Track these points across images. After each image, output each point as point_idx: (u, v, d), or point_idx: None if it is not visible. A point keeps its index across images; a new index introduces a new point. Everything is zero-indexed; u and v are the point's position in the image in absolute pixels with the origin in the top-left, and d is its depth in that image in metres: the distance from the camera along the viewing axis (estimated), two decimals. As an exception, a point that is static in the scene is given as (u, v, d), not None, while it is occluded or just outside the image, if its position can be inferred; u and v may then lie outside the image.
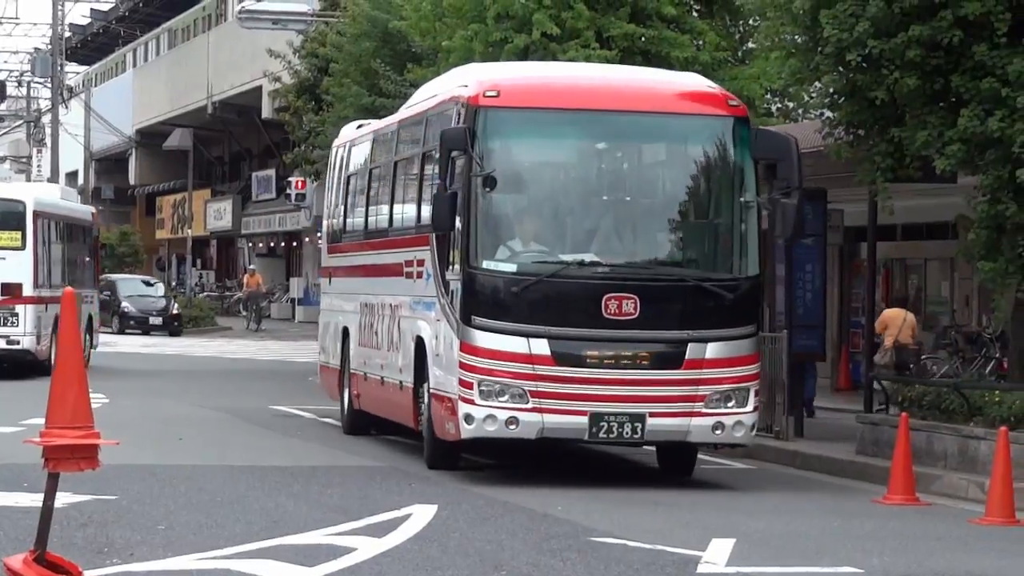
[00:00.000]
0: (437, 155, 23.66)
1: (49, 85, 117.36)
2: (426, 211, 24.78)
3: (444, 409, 23.59)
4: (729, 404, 23.02)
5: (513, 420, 22.26)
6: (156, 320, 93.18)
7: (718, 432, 23.18)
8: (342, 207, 34.20)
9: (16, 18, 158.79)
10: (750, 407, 23.57)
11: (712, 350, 22.94)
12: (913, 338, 38.67)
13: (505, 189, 22.72)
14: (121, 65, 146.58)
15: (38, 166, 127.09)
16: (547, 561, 18.52)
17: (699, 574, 18.44)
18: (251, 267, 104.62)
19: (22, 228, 51.31)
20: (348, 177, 33.99)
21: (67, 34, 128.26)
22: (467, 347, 22.67)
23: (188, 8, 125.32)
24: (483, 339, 22.52)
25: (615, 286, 22.70)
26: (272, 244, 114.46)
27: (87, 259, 62.24)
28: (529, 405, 22.21)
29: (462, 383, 22.69)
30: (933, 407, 29.61)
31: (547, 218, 24.12)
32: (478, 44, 37.74)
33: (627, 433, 22.68)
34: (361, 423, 30.95)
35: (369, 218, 30.93)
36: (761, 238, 24.02)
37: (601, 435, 22.77)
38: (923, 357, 40.22)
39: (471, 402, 22.48)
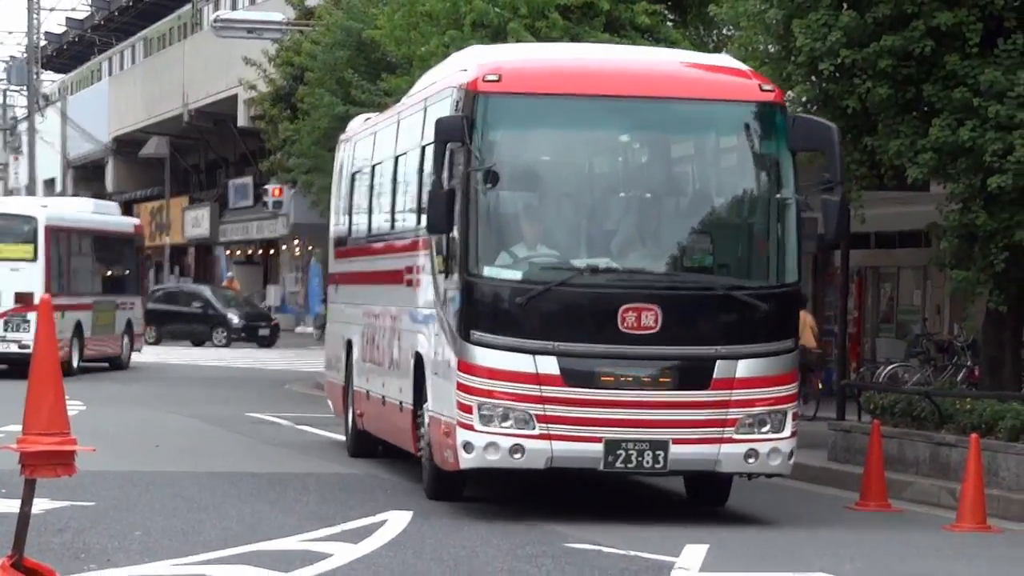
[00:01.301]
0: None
1: (25, 93, 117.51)
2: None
3: (442, 435, 21.28)
4: (764, 429, 20.35)
5: (518, 448, 19.88)
6: (264, 331, 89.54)
7: (751, 461, 20.50)
8: (346, 207, 32.52)
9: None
10: (787, 432, 20.79)
11: (744, 368, 20.29)
12: (816, 341, 38.82)
13: (508, 186, 20.33)
14: (97, 73, 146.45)
15: (15, 173, 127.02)
16: (521, 567, 18.42)
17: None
18: (229, 274, 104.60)
19: (34, 241, 53.74)
20: (352, 175, 32.12)
21: (42, 43, 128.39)
22: (465, 365, 20.23)
23: (163, 17, 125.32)
24: (484, 356, 20.12)
25: (633, 296, 20.08)
26: (249, 251, 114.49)
27: (127, 268, 64.44)
28: (536, 431, 19.80)
29: (460, 406, 20.30)
30: (905, 415, 29.60)
31: (556, 219, 21.63)
32: (454, 51, 37.16)
33: (647, 462, 20.14)
34: (366, 445, 28.99)
35: (371, 219, 28.93)
36: (800, 240, 20.94)
37: (618, 464, 20.12)
38: (893, 365, 40.01)
39: (470, 428, 20.11)
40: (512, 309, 20.20)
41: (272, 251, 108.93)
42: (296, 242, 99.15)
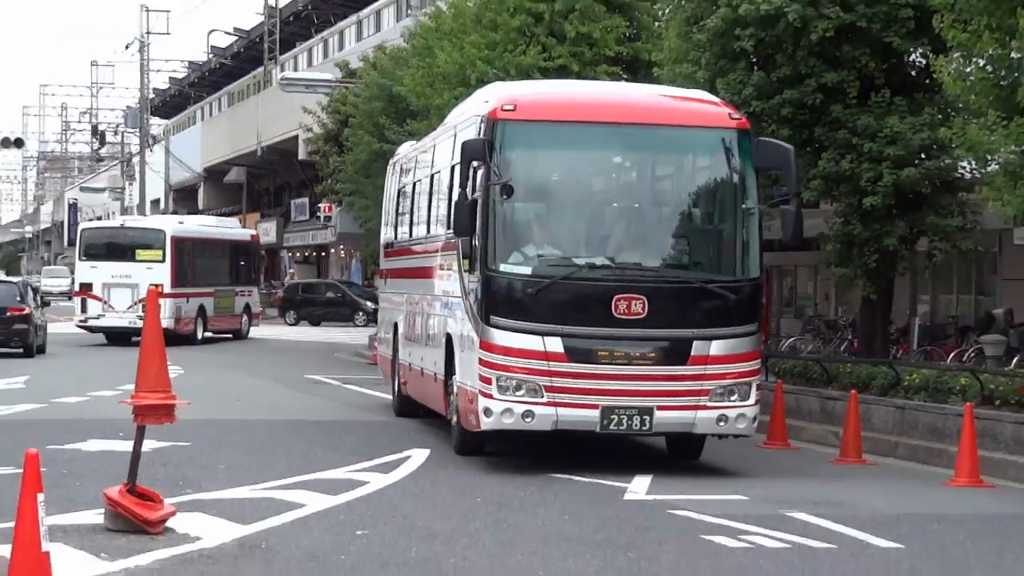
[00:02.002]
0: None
1: (138, 134, 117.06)
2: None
3: (467, 402, 20.78)
4: (732, 398, 19.94)
5: (529, 413, 19.50)
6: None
7: (722, 424, 20.02)
8: (393, 216, 31.60)
9: (112, 84, 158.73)
10: (752, 400, 20.30)
11: (716, 347, 19.86)
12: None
13: (521, 197, 19.93)
14: (192, 119, 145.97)
15: (129, 195, 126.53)
16: (512, 491, 18.54)
17: (625, 500, 18.47)
18: (291, 271, 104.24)
19: (163, 248, 56.15)
20: (398, 190, 31.03)
21: (151, 96, 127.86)
22: (486, 344, 19.89)
23: (242, 76, 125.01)
24: (501, 337, 19.74)
25: (624, 287, 19.72)
26: (306, 254, 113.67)
27: (244, 265, 66.21)
28: (544, 399, 19.43)
29: (482, 378, 19.94)
30: (801, 376, 29.65)
31: (560, 223, 21.24)
32: (462, 102, 36.89)
33: (636, 425, 19.81)
34: (409, 407, 27.92)
35: (412, 226, 28.17)
36: (761, 242, 20.75)
37: (612, 427, 19.67)
38: (792, 338, 39.97)
39: (490, 396, 19.75)
40: (524, 298, 19.75)
41: (323, 253, 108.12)
42: (341, 247, 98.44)
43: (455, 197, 20.45)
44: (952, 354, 32.03)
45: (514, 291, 19.82)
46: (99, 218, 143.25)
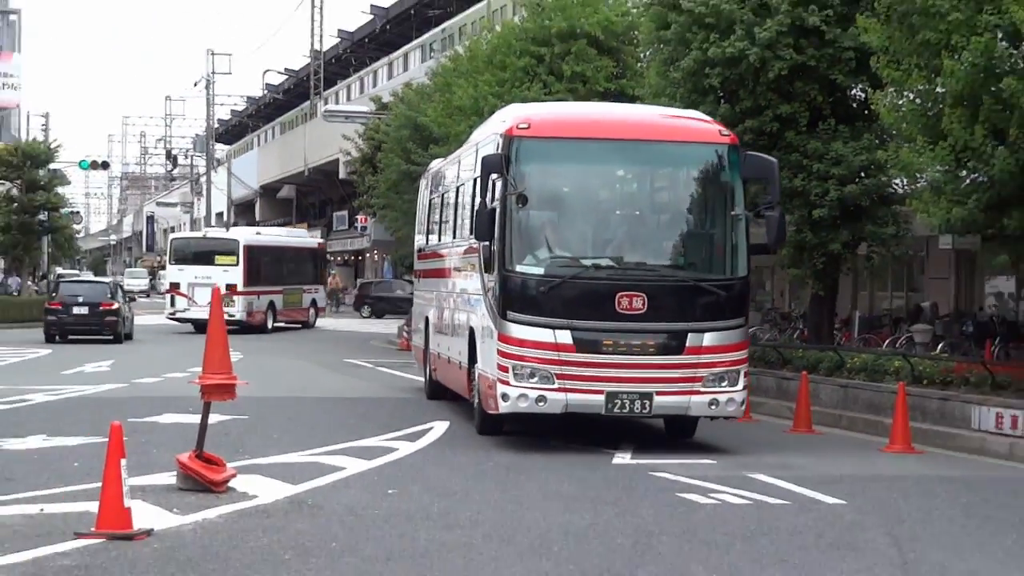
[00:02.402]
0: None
1: (204, 157, 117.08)
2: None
3: (487, 387, 19.96)
4: (723, 384, 19.03)
5: (542, 398, 18.66)
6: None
7: (713, 407, 19.15)
8: (425, 224, 30.46)
9: (183, 115, 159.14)
10: (740, 386, 19.39)
11: (709, 339, 19.00)
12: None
13: (534, 205, 19.05)
14: (250, 144, 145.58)
15: (197, 209, 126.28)
16: (518, 458, 18.61)
17: (613, 464, 18.45)
18: (333, 272, 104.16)
19: (236, 254, 57.76)
20: (429, 201, 30.14)
21: (216, 125, 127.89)
22: (503, 337, 19.09)
23: (292, 109, 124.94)
24: (516, 330, 18.92)
25: (626, 285, 18.86)
26: (346, 258, 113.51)
27: (311, 267, 67.14)
28: (555, 386, 18.57)
29: (500, 367, 19.13)
30: (760, 359, 29.51)
31: (569, 228, 20.30)
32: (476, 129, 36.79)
33: (637, 409, 18.91)
34: (438, 391, 26.75)
35: (441, 232, 27.27)
36: (749, 245, 19.75)
37: (616, 410, 18.84)
38: (752, 328, 39.76)
39: (507, 383, 18.89)
40: (536, 295, 19.00)
41: (360, 258, 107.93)
42: (375, 252, 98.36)
43: (476, 206, 19.97)
44: (887, 341, 31.99)
45: (528, 289, 19.14)
46: (172, 228, 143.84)
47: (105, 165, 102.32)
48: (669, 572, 11.69)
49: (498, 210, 18.98)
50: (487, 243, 19.45)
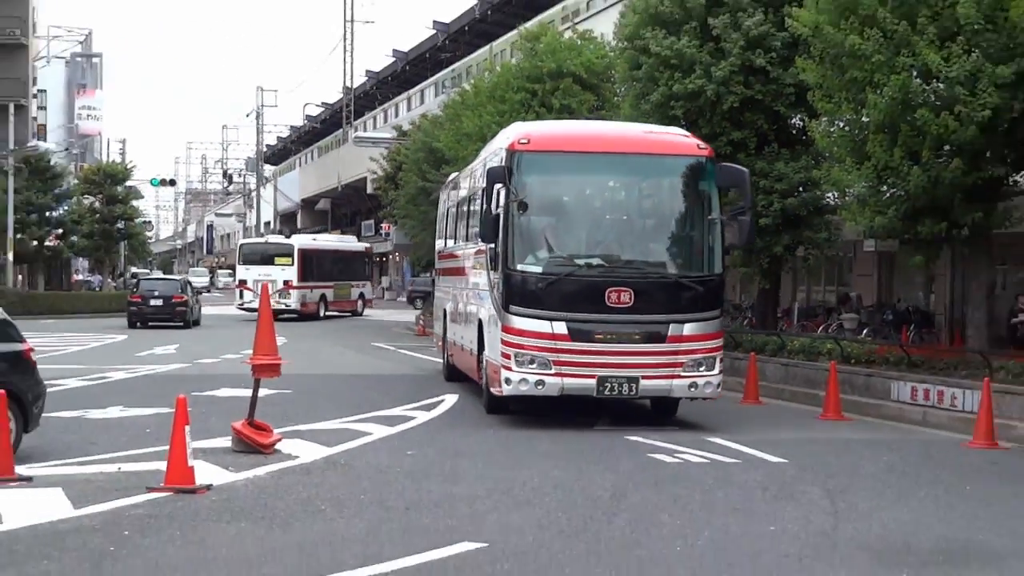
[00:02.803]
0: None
1: (255, 176, 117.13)
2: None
3: (493, 372, 18.82)
4: (701, 368, 17.93)
5: (541, 382, 17.65)
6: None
7: (693, 389, 18.06)
8: (444, 229, 29.29)
9: (237, 141, 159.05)
10: (716, 370, 18.32)
11: (688, 329, 17.84)
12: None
13: (533, 211, 18.06)
14: (292, 165, 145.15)
15: (248, 219, 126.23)
16: (517, 427, 18.51)
17: (594, 431, 18.44)
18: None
19: (292, 255, 58.41)
20: (447, 209, 28.75)
21: (264, 149, 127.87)
22: (506, 328, 18.07)
23: (327, 135, 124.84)
24: (517, 322, 17.91)
25: (615, 282, 17.69)
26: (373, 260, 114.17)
27: (359, 266, 67.24)
28: (552, 371, 17.55)
29: (503, 355, 18.11)
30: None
31: (565, 232, 19.02)
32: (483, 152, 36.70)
33: (625, 391, 17.79)
34: (456, 374, 25.50)
35: (457, 236, 26.09)
36: (724, 246, 18.67)
37: (606, 393, 17.73)
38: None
39: (509, 369, 17.90)
40: (535, 290, 17.89)
41: (384, 259, 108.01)
42: (396, 254, 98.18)
43: (483, 212, 19.32)
44: (820, 327, 32.00)
45: (527, 285, 18.15)
46: (228, 236, 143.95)
47: (172, 182, 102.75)
48: (640, 519, 11.73)
49: (501, 215, 18.24)
50: (492, 245, 18.84)
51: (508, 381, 17.98)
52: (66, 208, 65.52)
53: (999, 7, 19.76)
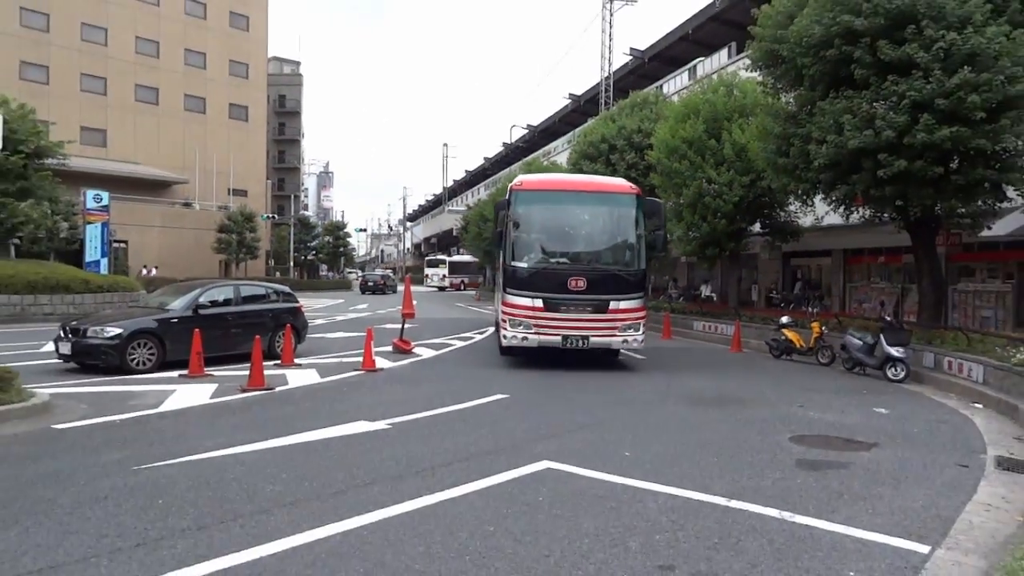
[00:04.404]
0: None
1: (401, 227, 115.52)
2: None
3: (501, 331, 14.36)
4: (629, 331, 13.65)
5: (525, 338, 13.58)
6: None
7: (625, 343, 13.62)
8: (497, 245, 19.66)
9: (389, 205, 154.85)
10: (640, 332, 13.69)
11: (623, 304, 13.71)
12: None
13: (523, 229, 14.04)
14: (417, 222, 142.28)
15: (398, 247, 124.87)
16: (515, 358, 14.80)
17: (565, 366, 18.39)
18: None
19: (445, 263, 60.63)
20: (499, 231, 18.31)
21: (408, 208, 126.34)
22: (505, 302, 14.01)
23: (434, 209, 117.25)
24: (512, 298, 13.86)
25: (576, 273, 13.71)
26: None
27: (474, 268, 62.09)
28: (532, 331, 13.63)
29: (502, 320, 14.11)
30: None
31: (543, 241, 14.23)
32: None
33: (581, 344, 13.50)
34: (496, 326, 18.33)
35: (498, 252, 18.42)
36: (646, 252, 14.18)
37: (567, 345, 13.51)
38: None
39: (506, 328, 13.76)
40: (523, 278, 13.81)
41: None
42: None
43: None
44: (661, 297, 30.47)
45: (518, 274, 14.24)
46: (390, 255, 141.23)
47: (364, 230, 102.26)
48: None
49: (504, 232, 14.62)
50: (500, 251, 15.42)
51: (505, 337, 14.09)
52: (317, 242, 66.00)
53: (743, 149, 19.50)
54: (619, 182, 14.85)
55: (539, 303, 13.82)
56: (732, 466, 6.92)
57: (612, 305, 13.77)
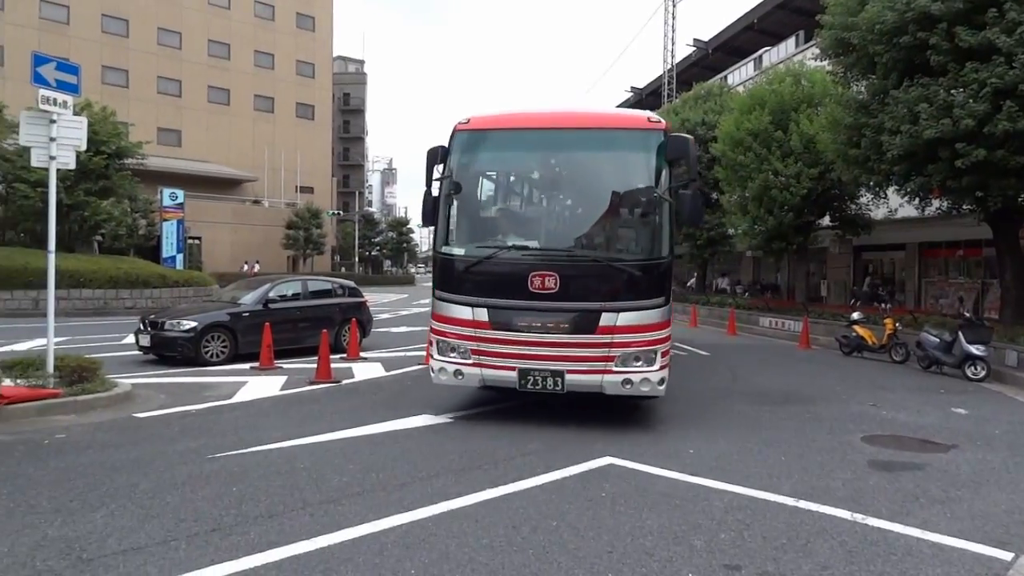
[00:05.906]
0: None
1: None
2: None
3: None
4: (636, 362, 7.44)
5: (459, 372, 7.78)
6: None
7: (627, 386, 7.43)
8: None
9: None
10: (657, 366, 7.46)
11: (624, 317, 7.46)
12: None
13: (465, 194, 8.05)
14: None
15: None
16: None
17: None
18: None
19: None
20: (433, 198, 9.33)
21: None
22: (433, 314, 8.12)
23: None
24: (441, 308, 7.99)
25: (543, 265, 7.54)
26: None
27: None
28: (470, 361, 7.75)
29: (428, 341, 8.27)
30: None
31: (496, 214, 8.44)
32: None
33: (550, 386, 7.52)
34: None
35: None
36: (672, 227, 7.59)
37: (529, 386, 7.56)
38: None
39: (432, 355, 8.06)
40: (459, 274, 7.94)
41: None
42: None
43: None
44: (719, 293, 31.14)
45: (452, 270, 8.03)
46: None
47: (422, 225, 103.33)
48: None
49: (437, 200, 8.41)
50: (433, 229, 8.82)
51: (432, 369, 8.21)
52: (380, 238, 67.48)
53: (811, 140, 19.19)
54: (627, 113, 8.47)
55: (482, 316, 7.81)
56: (800, 465, 6.71)
57: (605, 319, 7.60)
